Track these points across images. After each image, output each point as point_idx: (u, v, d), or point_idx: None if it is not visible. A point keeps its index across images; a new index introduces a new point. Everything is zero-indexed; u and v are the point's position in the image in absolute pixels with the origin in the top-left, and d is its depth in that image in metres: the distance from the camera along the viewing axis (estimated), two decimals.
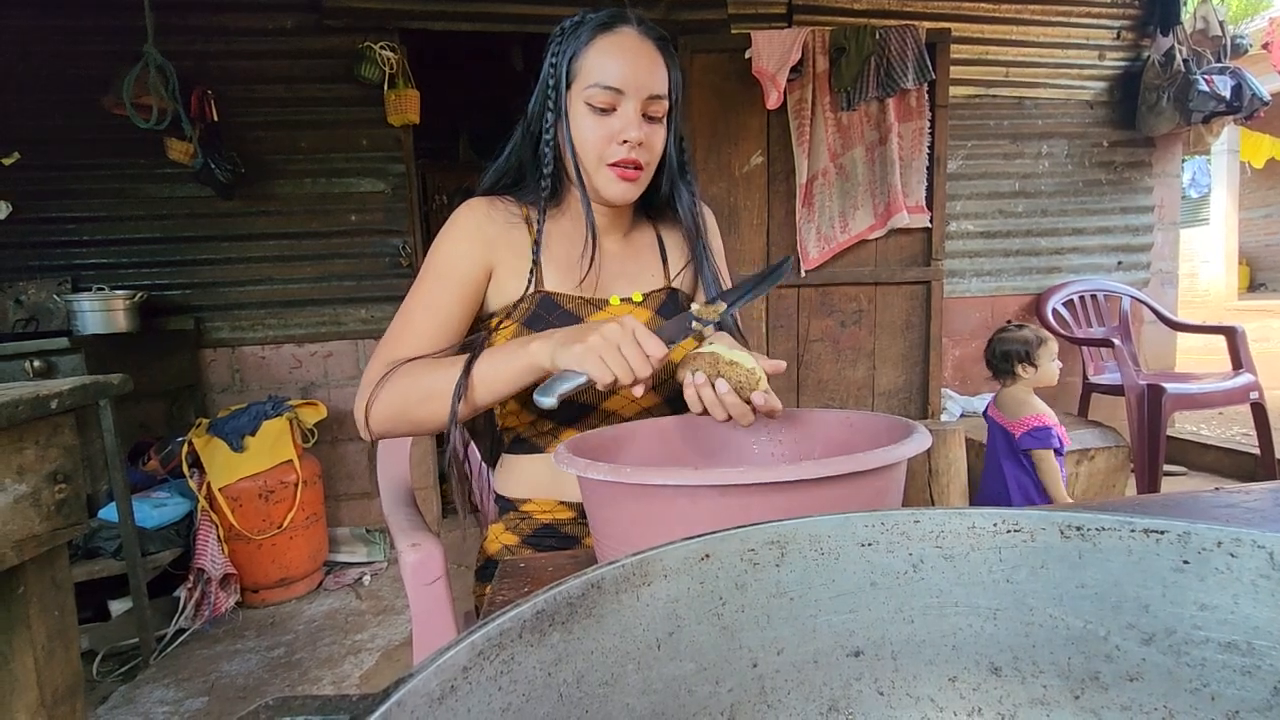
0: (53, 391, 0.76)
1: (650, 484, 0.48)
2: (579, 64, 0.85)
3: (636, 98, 0.84)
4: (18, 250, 2.38)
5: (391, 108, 2.47)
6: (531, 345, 0.73)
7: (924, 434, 0.55)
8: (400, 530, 0.93)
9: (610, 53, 0.83)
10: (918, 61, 2.62)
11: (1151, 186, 3.23)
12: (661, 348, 0.67)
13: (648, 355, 0.66)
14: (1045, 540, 0.34)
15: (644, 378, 0.67)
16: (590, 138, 0.85)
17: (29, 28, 2.33)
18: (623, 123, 0.84)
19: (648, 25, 0.87)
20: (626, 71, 0.83)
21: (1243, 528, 0.31)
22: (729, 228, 2.74)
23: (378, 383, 0.81)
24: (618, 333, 0.67)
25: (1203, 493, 0.81)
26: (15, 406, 0.70)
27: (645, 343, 0.67)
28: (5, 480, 0.72)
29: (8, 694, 0.78)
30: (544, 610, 0.28)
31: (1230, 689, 0.30)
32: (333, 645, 1.98)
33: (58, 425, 0.79)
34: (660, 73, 0.86)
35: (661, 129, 0.88)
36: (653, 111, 0.86)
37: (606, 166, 0.86)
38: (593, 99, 0.84)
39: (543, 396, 0.67)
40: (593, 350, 0.66)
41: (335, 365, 2.64)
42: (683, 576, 0.33)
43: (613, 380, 0.66)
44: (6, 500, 0.72)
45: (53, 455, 0.78)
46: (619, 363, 0.66)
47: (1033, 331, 2.00)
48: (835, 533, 0.36)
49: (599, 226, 0.94)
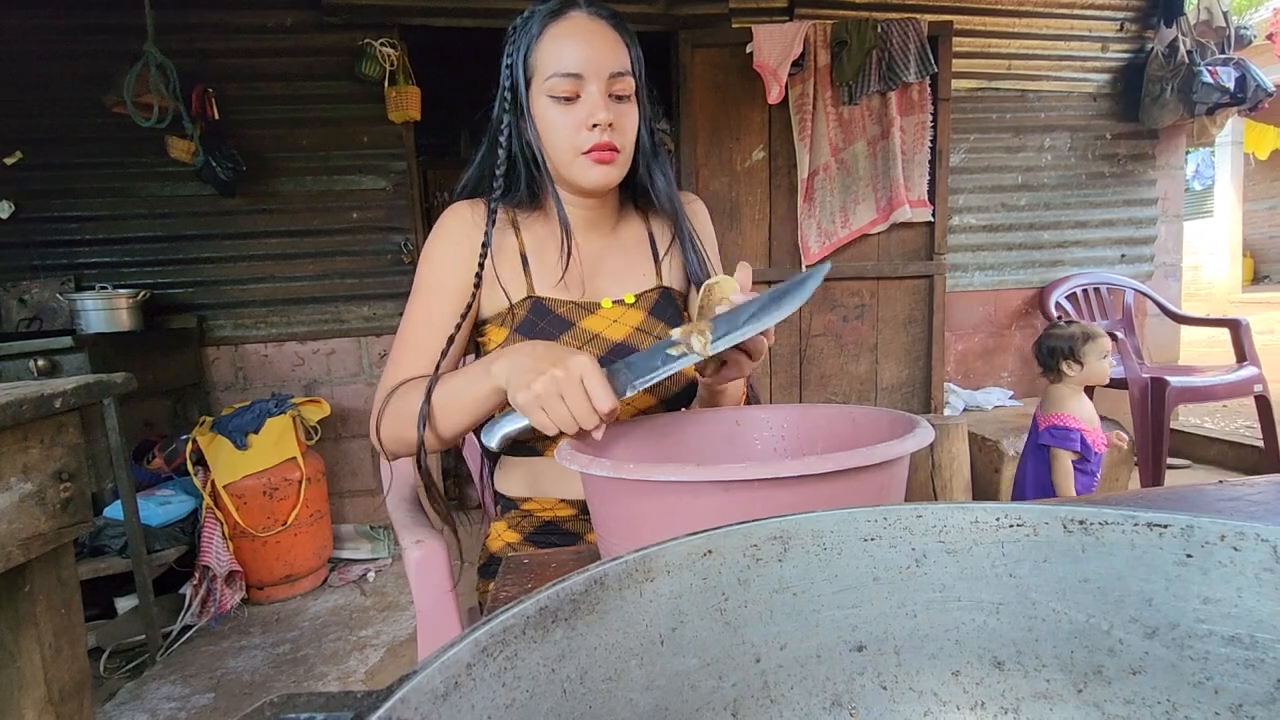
0: (57, 391, 0.76)
1: (653, 480, 0.48)
2: (534, 59, 0.83)
3: (598, 79, 0.81)
4: (21, 249, 2.39)
5: (392, 105, 2.47)
6: (494, 367, 0.69)
7: (926, 429, 0.55)
8: (404, 527, 0.93)
9: (563, 39, 0.81)
10: (920, 55, 2.61)
11: (1155, 179, 3.21)
12: (610, 400, 0.61)
13: (594, 408, 0.61)
14: (1048, 534, 0.34)
15: (589, 428, 0.62)
16: (559, 130, 0.83)
17: (30, 27, 2.33)
18: (589, 107, 0.81)
19: (598, 5, 0.84)
20: (583, 54, 0.80)
21: (1246, 521, 0.31)
22: (730, 223, 2.73)
23: (382, 405, 0.81)
24: (562, 380, 0.61)
25: (1207, 486, 0.80)
26: (20, 405, 0.71)
27: (594, 392, 0.61)
28: (11, 479, 0.73)
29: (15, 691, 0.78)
30: (547, 607, 0.28)
31: (1234, 682, 0.30)
32: (338, 641, 1.99)
33: (62, 424, 0.80)
34: (619, 50, 0.83)
35: (632, 108, 0.85)
36: (619, 90, 0.83)
37: (581, 155, 0.83)
38: (554, 90, 0.81)
39: (486, 437, 0.65)
40: (536, 398, 0.62)
41: (338, 363, 2.65)
42: (685, 572, 0.33)
43: (556, 431, 0.63)
44: (12, 499, 0.72)
45: (57, 454, 0.79)
46: (561, 413, 0.62)
47: (1080, 328, 1.96)
48: (838, 528, 0.36)
49: (583, 223, 0.92)
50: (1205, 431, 3.22)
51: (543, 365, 0.63)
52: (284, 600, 2.27)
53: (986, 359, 3.17)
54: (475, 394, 0.73)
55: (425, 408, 0.75)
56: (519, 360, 0.67)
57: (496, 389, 0.70)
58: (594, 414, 0.62)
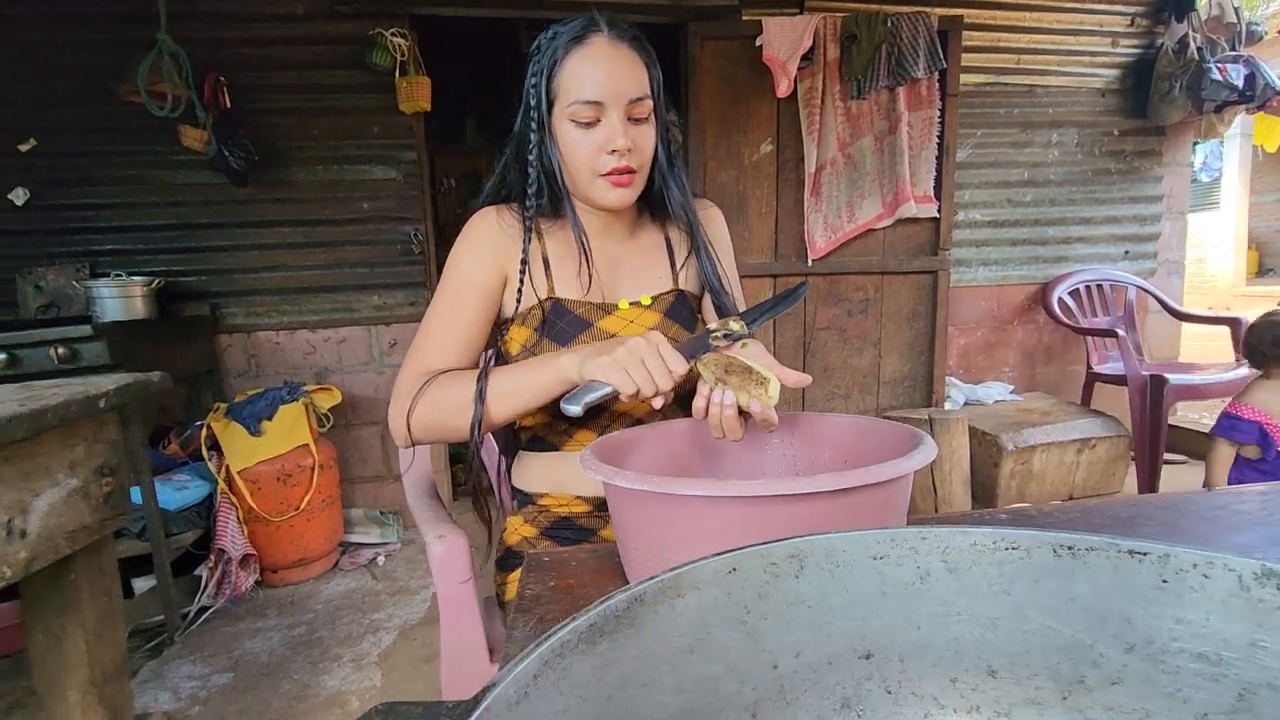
0: (101, 391, 0.80)
1: (678, 494, 0.52)
2: (557, 83, 0.86)
3: (618, 106, 0.85)
4: (37, 236, 2.42)
5: (403, 95, 2.48)
6: (561, 359, 0.77)
7: (930, 445, 0.59)
8: (426, 522, 0.97)
9: (586, 67, 0.84)
10: (929, 50, 2.61)
11: (1161, 176, 3.22)
12: (683, 363, 0.71)
13: (670, 370, 0.70)
14: (1040, 558, 0.38)
15: (665, 390, 0.70)
16: (580, 153, 0.87)
17: (43, 14, 2.34)
18: (608, 133, 0.85)
19: (619, 28, 0.87)
20: (604, 82, 0.84)
21: (1216, 551, 0.34)
22: (737, 215, 2.75)
23: (416, 394, 0.85)
24: (643, 346, 0.70)
25: (1195, 494, 0.84)
26: (69, 406, 0.75)
27: (668, 357, 0.70)
28: (59, 475, 0.77)
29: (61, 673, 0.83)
30: (595, 623, 0.31)
31: (1201, 694, 0.34)
32: (351, 624, 2.04)
33: (104, 422, 0.83)
34: (639, 74, 0.87)
35: (649, 128, 0.89)
36: (636, 114, 0.87)
37: (600, 177, 0.87)
38: (576, 115, 0.85)
39: (570, 405, 0.71)
40: (618, 363, 0.70)
41: (348, 351, 2.68)
42: (711, 588, 0.37)
43: (635, 391, 0.70)
44: (60, 494, 0.77)
45: (99, 450, 0.83)
46: (643, 375, 0.70)
47: None
48: (850, 548, 0.39)
49: (601, 230, 0.97)
50: (1203, 428, 3.25)
51: (618, 340, 0.73)
52: (297, 583, 2.33)
53: (988, 353, 3.20)
54: (538, 383, 0.80)
55: (480, 394, 0.81)
56: (591, 347, 0.75)
57: (563, 379, 0.77)
58: (669, 376, 0.70)
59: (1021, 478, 2.61)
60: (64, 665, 0.82)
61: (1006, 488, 2.61)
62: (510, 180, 0.96)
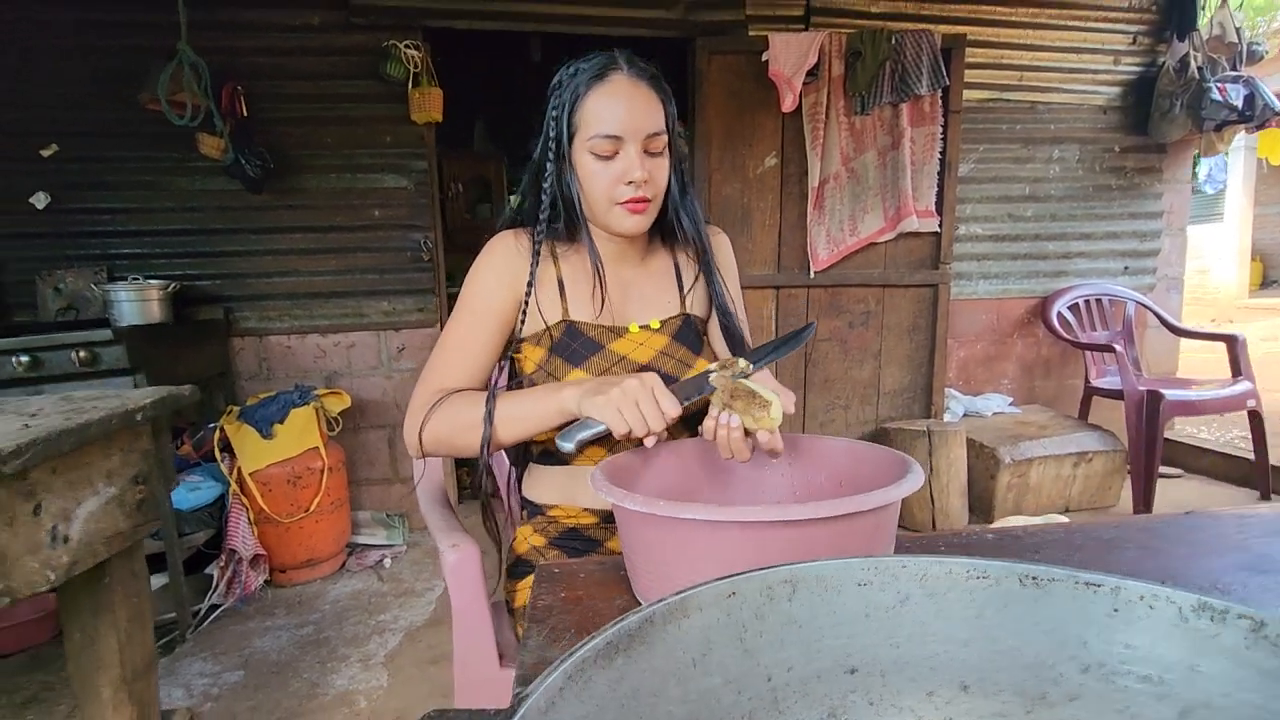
0: (138, 405, 0.85)
1: (683, 518, 0.57)
2: (578, 117, 0.92)
3: (635, 140, 0.91)
4: (56, 239, 2.47)
5: (415, 105, 2.53)
6: (564, 391, 0.82)
7: (918, 473, 0.63)
8: (440, 530, 1.02)
9: (606, 103, 0.90)
10: (932, 67, 2.65)
11: (1161, 192, 3.26)
12: (677, 407, 0.75)
13: (663, 412, 0.74)
14: (1008, 586, 0.42)
15: (656, 431, 0.74)
16: (598, 183, 0.92)
17: (66, 22, 2.39)
18: (626, 165, 0.91)
19: (638, 66, 0.93)
20: (623, 118, 0.90)
21: (1160, 584, 0.39)
22: (741, 228, 2.80)
23: (430, 409, 0.89)
24: (637, 388, 0.74)
25: (1176, 517, 0.88)
26: (110, 420, 0.79)
27: (662, 400, 0.74)
28: (98, 484, 0.81)
29: (94, 671, 0.87)
30: (612, 641, 0.36)
31: (1148, 711, 0.39)
32: (358, 625, 2.09)
33: (138, 433, 0.88)
34: (656, 110, 0.92)
35: (664, 160, 0.95)
36: (653, 148, 0.92)
37: (616, 206, 0.93)
38: (596, 149, 0.91)
39: (564, 441, 0.75)
40: (612, 403, 0.74)
41: (357, 355, 2.73)
42: (714, 609, 0.41)
43: (628, 431, 0.74)
44: (99, 502, 0.81)
45: (134, 460, 0.87)
46: (635, 416, 0.74)
47: None
48: (838, 574, 0.44)
49: (614, 255, 1.02)
50: (1199, 442, 3.29)
51: (615, 379, 0.76)
52: (305, 583, 2.38)
53: (988, 365, 3.24)
54: (541, 413, 0.84)
55: (489, 429, 0.85)
56: (590, 384, 0.79)
57: (563, 411, 0.82)
58: (662, 418, 0.74)
59: (1018, 490, 2.65)
60: (97, 663, 0.87)
61: (1003, 500, 2.65)
62: (529, 206, 1.00)
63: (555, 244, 1.01)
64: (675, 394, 0.77)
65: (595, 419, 0.76)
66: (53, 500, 0.75)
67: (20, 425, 0.73)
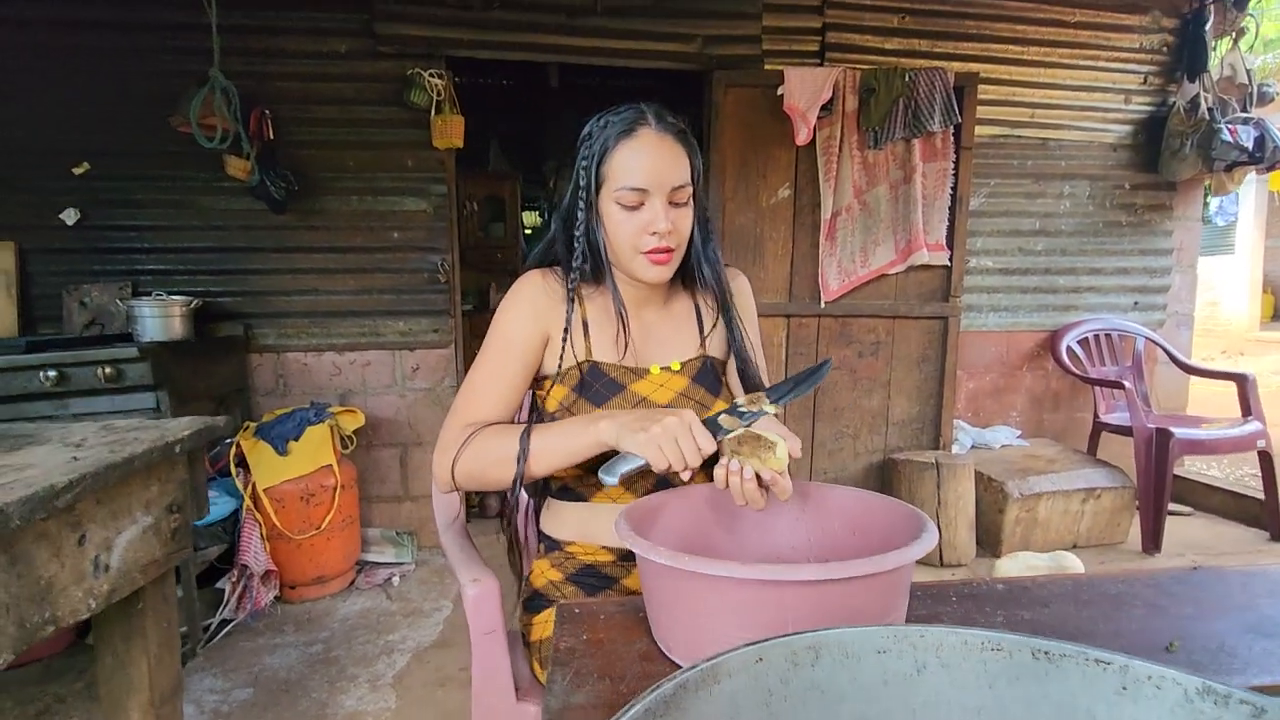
0: (177, 437, 0.88)
1: (706, 573, 0.59)
2: (606, 169, 0.96)
3: (661, 192, 0.95)
4: (84, 254, 2.53)
5: (437, 132, 2.59)
6: (600, 424, 0.84)
7: (932, 532, 0.66)
8: (460, 563, 1.04)
9: (634, 157, 0.94)
10: (945, 105, 2.70)
11: (1171, 230, 3.28)
12: (712, 443, 0.78)
13: (699, 448, 0.77)
14: (1020, 659, 0.45)
15: (694, 466, 0.78)
16: (624, 232, 0.96)
17: (102, 47, 2.47)
18: (651, 215, 0.95)
19: (665, 121, 0.97)
20: (650, 171, 0.94)
21: (1168, 666, 0.41)
22: (754, 257, 2.83)
23: (461, 444, 0.92)
24: (677, 425, 0.78)
25: (1182, 572, 0.90)
26: (152, 452, 0.83)
27: (699, 437, 0.78)
28: (137, 514, 0.84)
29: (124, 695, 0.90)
30: (650, 707, 0.39)
31: None
32: (366, 644, 2.11)
33: (175, 463, 0.91)
34: (681, 163, 0.96)
35: (688, 211, 0.99)
36: (677, 199, 0.96)
37: (641, 254, 0.97)
38: (622, 200, 0.95)
39: (607, 476, 0.78)
40: (653, 439, 0.77)
41: (372, 374, 2.77)
42: (742, 675, 0.44)
43: (667, 466, 0.77)
44: (136, 531, 0.84)
45: (170, 489, 0.91)
46: (674, 452, 0.77)
47: None
48: (858, 641, 0.46)
49: (637, 299, 1.05)
50: (1209, 480, 3.28)
51: (656, 415, 0.79)
52: (315, 600, 2.40)
53: (996, 398, 3.25)
54: (577, 446, 0.87)
55: (524, 453, 0.88)
56: (627, 418, 0.82)
57: (599, 443, 0.85)
58: (699, 454, 0.77)
59: (1026, 525, 2.65)
60: (127, 687, 0.89)
61: (1011, 534, 2.65)
62: (557, 250, 1.04)
63: (581, 286, 1.04)
64: (712, 429, 0.81)
65: (635, 453, 0.79)
66: (96, 530, 0.78)
67: (69, 458, 0.77)
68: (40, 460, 0.76)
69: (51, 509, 0.68)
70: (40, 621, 0.70)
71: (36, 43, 2.44)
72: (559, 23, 2.69)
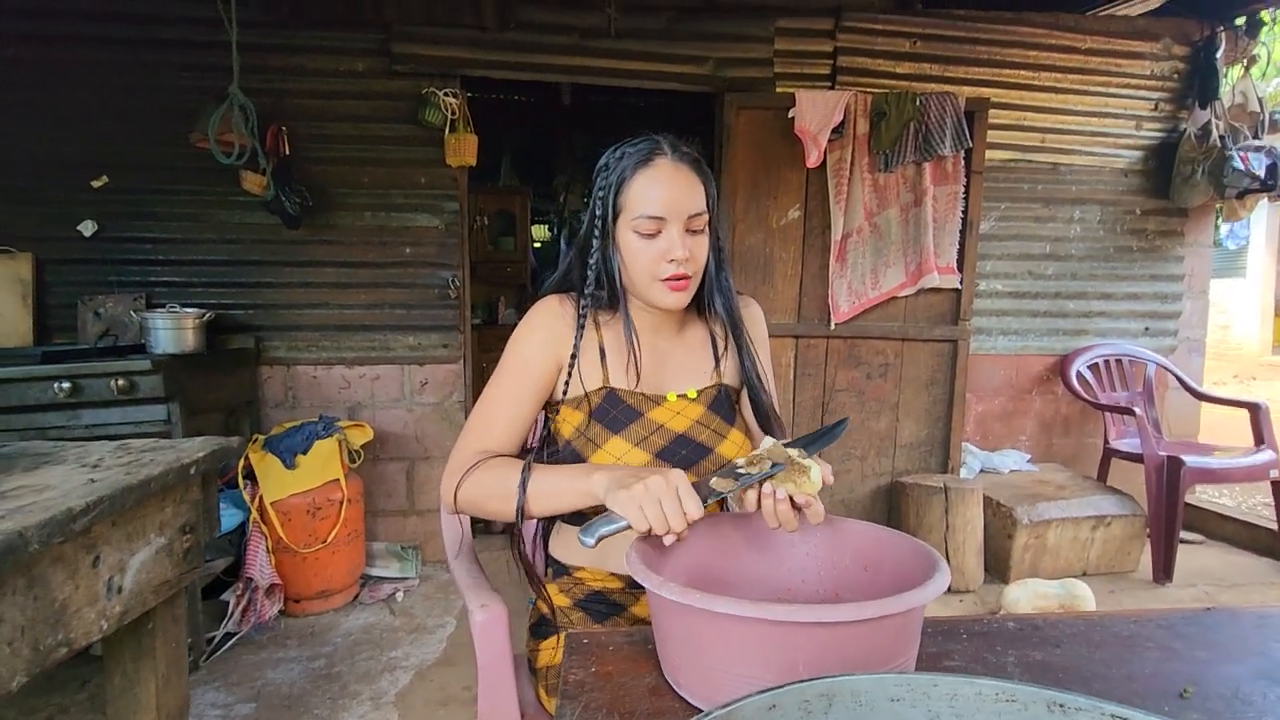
0: (193, 459, 0.89)
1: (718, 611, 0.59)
2: (624, 198, 0.97)
3: (678, 220, 0.96)
4: (100, 266, 2.56)
5: (451, 150, 2.62)
6: (594, 477, 0.82)
7: (945, 573, 0.65)
8: (469, 589, 1.04)
9: (651, 186, 0.95)
10: (955, 129, 2.71)
11: (1183, 255, 3.27)
12: (699, 508, 0.74)
13: (685, 513, 0.73)
14: (1035, 711, 0.44)
15: (677, 531, 0.73)
16: (641, 260, 0.97)
17: (123, 63, 2.52)
18: (668, 243, 0.96)
19: (680, 151, 0.99)
20: (667, 200, 0.95)
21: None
22: (763, 277, 2.84)
23: (467, 470, 0.93)
24: (662, 487, 0.73)
25: (1195, 613, 0.89)
26: (167, 475, 0.83)
27: (685, 500, 0.73)
28: (150, 535, 0.85)
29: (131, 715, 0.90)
30: None
31: None
32: (369, 660, 2.10)
33: (190, 484, 0.92)
34: (697, 192, 0.98)
35: (704, 238, 1.00)
36: (693, 227, 0.97)
37: (658, 282, 0.97)
38: (640, 228, 0.96)
39: (585, 536, 0.75)
40: (635, 500, 0.73)
41: (381, 388, 2.79)
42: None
43: (648, 529, 0.74)
44: (150, 553, 0.85)
45: (184, 510, 0.91)
46: (657, 515, 0.73)
47: None
48: (871, 689, 0.46)
49: (653, 326, 1.06)
50: (1220, 508, 3.25)
51: (643, 473, 0.76)
52: (318, 614, 2.39)
53: (1005, 421, 3.23)
54: (569, 493, 0.86)
55: (522, 497, 0.88)
56: (618, 473, 0.80)
57: (590, 494, 0.82)
58: (684, 519, 0.73)
59: (1035, 551, 2.63)
60: (135, 707, 0.90)
61: (1020, 560, 2.62)
62: (573, 277, 1.05)
63: (598, 312, 1.05)
64: (701, 490, 0.77)
65: (618, 513, 0.76)
66: (110, 552, 0.78)
67: (85, 479, 0.78)
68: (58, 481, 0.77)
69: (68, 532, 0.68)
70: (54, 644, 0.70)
71: (59, 60, 2.50)
72: (573, 44, 2.72)
